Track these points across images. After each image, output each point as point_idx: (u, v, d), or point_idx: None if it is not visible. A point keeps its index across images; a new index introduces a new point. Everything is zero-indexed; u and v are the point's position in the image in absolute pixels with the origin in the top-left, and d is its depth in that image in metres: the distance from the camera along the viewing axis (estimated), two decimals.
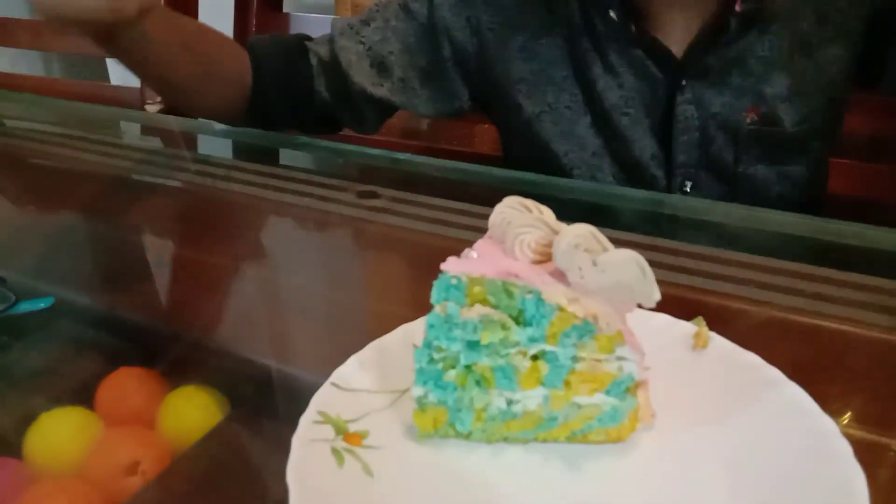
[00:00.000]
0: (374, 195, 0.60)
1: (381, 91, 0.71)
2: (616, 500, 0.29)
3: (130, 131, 0.85)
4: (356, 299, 0.47)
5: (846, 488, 0.27)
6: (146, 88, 0.98)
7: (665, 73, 0.64)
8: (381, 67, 0.71)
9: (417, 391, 0.31)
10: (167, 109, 0.93)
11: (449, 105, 0.73)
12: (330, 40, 0.72)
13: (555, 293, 0.29)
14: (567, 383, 0.30)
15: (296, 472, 0.28)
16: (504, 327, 0.29)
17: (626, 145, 0.67)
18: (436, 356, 0.30)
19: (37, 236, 0.58)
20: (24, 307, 0.45)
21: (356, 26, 0.72)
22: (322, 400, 0.33)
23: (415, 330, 0.35)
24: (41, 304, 0.44)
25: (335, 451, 0.30)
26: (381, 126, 0.76)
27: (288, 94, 0.71)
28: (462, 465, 0.31)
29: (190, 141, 0.79)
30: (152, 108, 0.95)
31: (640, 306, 0.29)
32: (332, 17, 0.98)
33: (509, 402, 0.31)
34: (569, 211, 0.34)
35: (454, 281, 0.29)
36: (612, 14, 0.63)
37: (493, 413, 0.31)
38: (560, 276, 0.29)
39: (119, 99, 1.02)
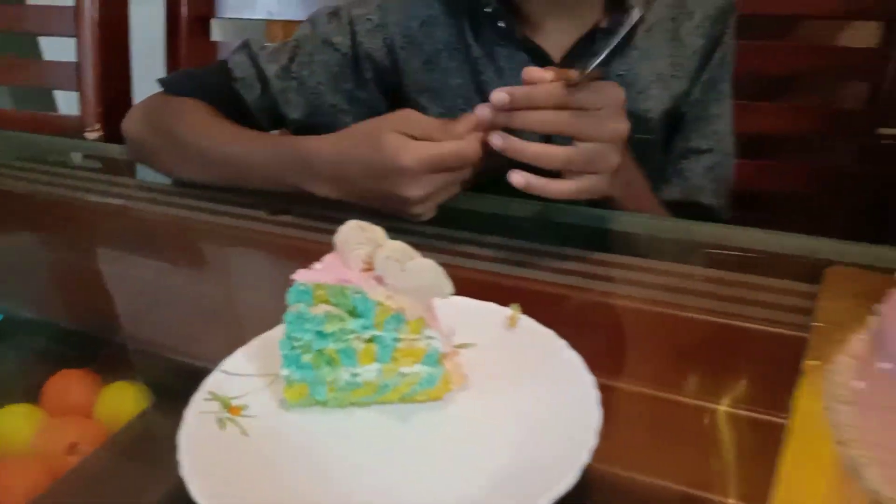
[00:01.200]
0: (287, 212, 0.69)
1: (314, 119, 0.80)
2: (433, 441, 0.40)
3: (69, 157, 0.93)
4: (256, 303, 0.57)
5: (585, 409, 0.37)
6: (86, 116, 1.05)
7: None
8: (314, 100, 0.79)
9: (284, 372, 0.41)
10: (105, 138, 1.00)
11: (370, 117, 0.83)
12: (262, 80, 0.80)
13: (376, 293, 0.38)
14: (394, 358, 0.40)
15: (185, 435, 0.38)
16: (342, 319, 0.39)
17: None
18: (295, 344, 0.40)
19: None
20: None
21: (286, 65, 0.80)
22: (212, 384, 0.42)
23: None
24: None
25: (219, 420, 0.40)
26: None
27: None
28: (319, 425, 0.41)
29: (123, 166, 0.87)
30: (91, 136, 1.02)
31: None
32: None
33: (353, 376, 0.41)
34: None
35: (303, 287, 0.39)
36: (499, 23, 0.73)
37: (342, 385, 0.41)
38: (380, 279, 0.39)
39: (62, 127, 1.08)
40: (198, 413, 0.39)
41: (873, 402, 0.35)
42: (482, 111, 0.58)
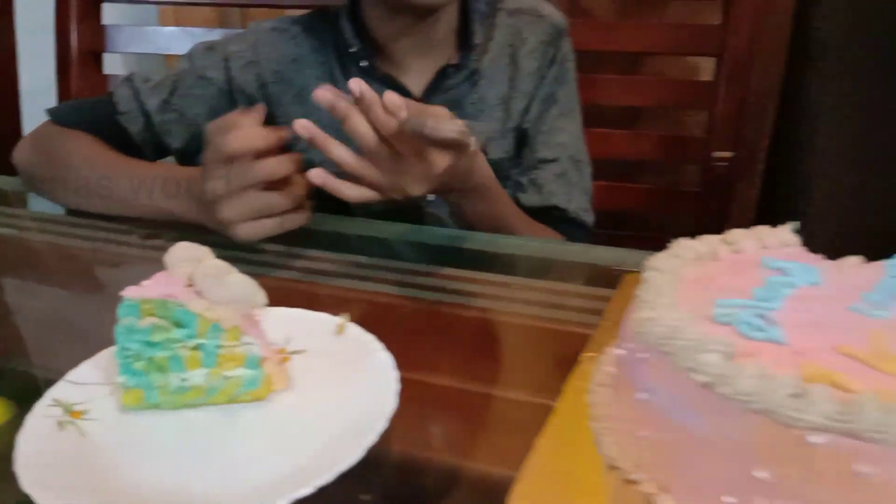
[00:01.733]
0: (156, 236, 0.73)
1: (195, 148, 0.85)
2: (252, 434, 0.45)
3: None
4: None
5: (384, 399, 0.42)
6: None
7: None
8: (194, 130, 0.85)
9: (121, 379, 0.45)
10: None
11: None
12: (144, 114, 0.84)
13: (196, 305, 0.43)
14: (218, 363, 0.45)
15: (24, 436, 0.42)
16: (167, 330, 0.44)
17: None
18: (127, 354, 0.45)
19: None
20: None
21: (166, 98, 0.85)
22: (57, 392, 0.46)
23: None
24: None
25: (59, 423, 0.44)
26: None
27: None
28: (153, 425, 0.45)
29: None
30: None
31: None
32: None
33: (182, 380, 0.45)
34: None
35: (130, 302, 0.43)
36: (362, 63, 0.80)
37: (173, 389, 0.45)
38: (200, 293, 0.44)
39: None
40: (40, 417, 0.43)
41: (618, 383, 0.42)
42: (302, 128, 0.63)
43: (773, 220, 1.07)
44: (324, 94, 0.62)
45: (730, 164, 0.97)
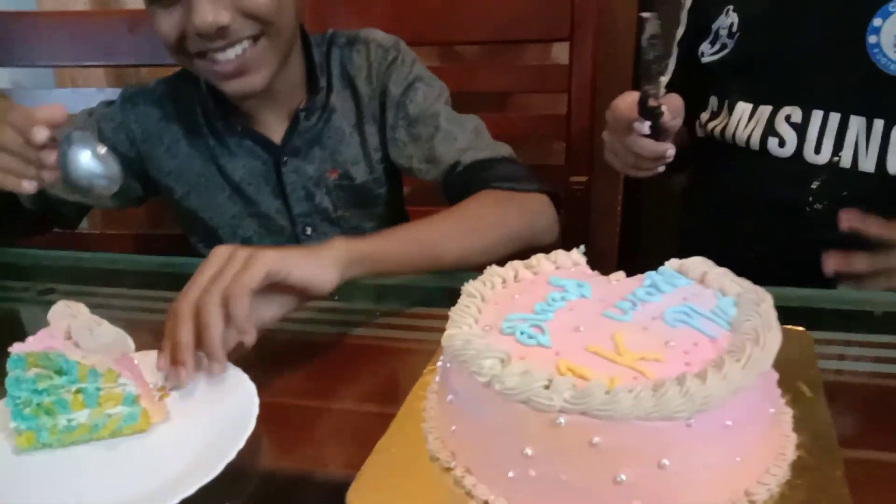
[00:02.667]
0: (52, 291, 0.78)
1: (76, 197, 0.88)
2: (135, 462, 0.50)
3: None
4: None
5: (245, 422, 0.49)
6: None
7: (271, 154, 0.87)
8: (67, 181, 0.87)
9: (12, 424, 0.50)
10: None
11: (130, 199, 0.92)
12: None
13: (74, 354, 0.49)
14: (99, 403, 0.51)
15: None
16: (51, 377, 0.49)
17: (256, 206, 0.89)
18: (17, 402, 0.50)
19: None
20: None
21: None
22: None
23: None
24: None
25: None
26: (82, 220, 0.93)
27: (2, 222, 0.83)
28: (44, 462, 0.51)
29: None
30: None
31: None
32: None
33: (69, 420, 0.51)
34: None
35: (16, 357, 0.49)
36: (218, 123, 0.86)
37: (61, 429, 0.51)
38: (77, 344, 0.50)
39: None
40: None
41: (438, 389, 0.50)
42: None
43: (636, 231, 1.16)
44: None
45: (586, 185, 1.08)
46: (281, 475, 0.49)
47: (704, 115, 0.89)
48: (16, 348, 0.49)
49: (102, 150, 0.64)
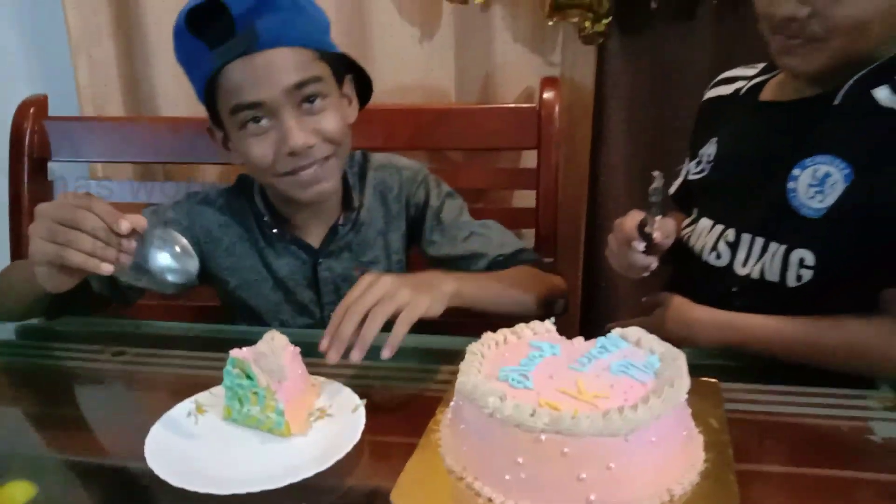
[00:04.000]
0: (123, 353, 0.93)
1: (141, 283, 0.98)
2: (270, 450, 0.68)
3: None
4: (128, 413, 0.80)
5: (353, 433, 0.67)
6: None
7: (310, 256, 1.03)
8: (138, 268, 1.01)
9: (225, 401, 0.71)
10: None
11: (189, 286, 1.04)
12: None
13: (255, 369, 0.67)
14: (265, 406, 0.68)
15: (159, 424, 0.69)
16: (243, 378, 0.68)
17: (294, 296, 1.05)
18: (227, 386, 0.70)
19: None
20: None
21: None
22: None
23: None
24: None
25: (188, 413, 0.73)
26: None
27: (73, 300, 0.92)
28: (231, 430, 0.71)
29: None
30: None
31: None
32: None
33: (248, 409, 0.69)
34: None
35: (232, 359, 0.68)
36: (274, 231, 1.02)
37: (243, 413, 0.70)
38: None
39: None
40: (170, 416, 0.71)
41: (452, 422, 0.67)
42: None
43: (593, 300, 1.33)
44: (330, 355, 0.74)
45: (552, 265, 1.27)
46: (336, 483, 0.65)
47: (687, 221, 1.02)
48: (233, 353, 0.68)
49: (181, 248, 0.76)
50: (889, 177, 0.77)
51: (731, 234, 0.90)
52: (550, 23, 1.25)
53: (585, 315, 1.41)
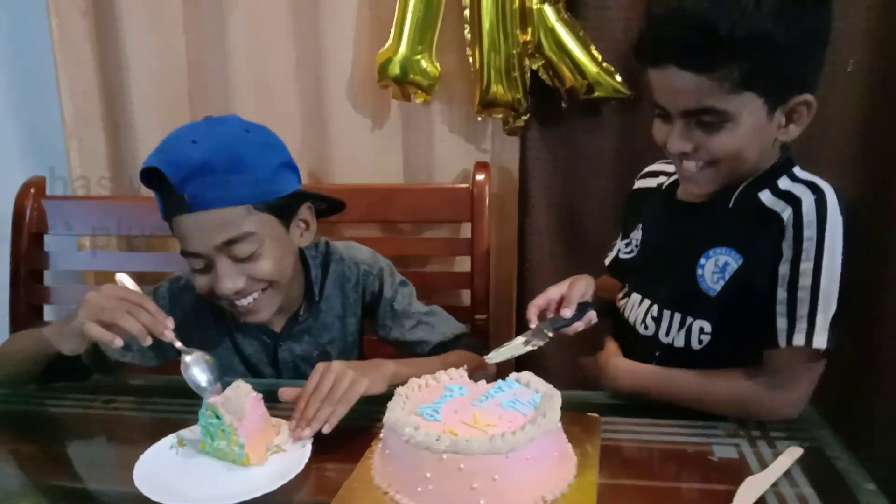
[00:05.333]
0: (113, 400, 1.08)
1: (127, 359, 1.11)
2: (233, 476, 0.82)
3: None
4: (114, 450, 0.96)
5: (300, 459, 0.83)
6: None
7: (271, 339, 1.13)
8: (127, 347, 1.03)
9: (201, 437, 0.85)
10: None
11: (166, 360, 1.14)
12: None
13: (222, 410, 0.82)
14: (229, 441, 0.82)
15: (145, 456, 0.77)
16: (212, 418, 0.83)
17: (258, 372, 1.16)
18: (202, 425, 0.84)
19: None
20: None
21: None
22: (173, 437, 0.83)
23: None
24: None
25: (171, 447, 0.81)
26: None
27: (62, 371, 1.05)
28: (204, 459, 0.85)
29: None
30: None
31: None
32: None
33: (217, 443, 0.84)
34: None
35: (206, 403, 0.83)
36: (240, 321, 1.10)
37: (213, 446, 0.84)
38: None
39: None
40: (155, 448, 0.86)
41: (381, 449, 0.84)
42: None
43: None
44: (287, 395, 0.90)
45: (486, 320, 1.45)
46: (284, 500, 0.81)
47: (621, 293, 1.13)
48: (210, 399, 0.84)
49: (210, 367, 0.91)
50: (766, 264, 0.90)
51: (654, 309, 1.02)
52: (480, 118, 1.46)
53: (519, 367, 1.58)
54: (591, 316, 0.99)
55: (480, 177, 1.45)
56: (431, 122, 1.50)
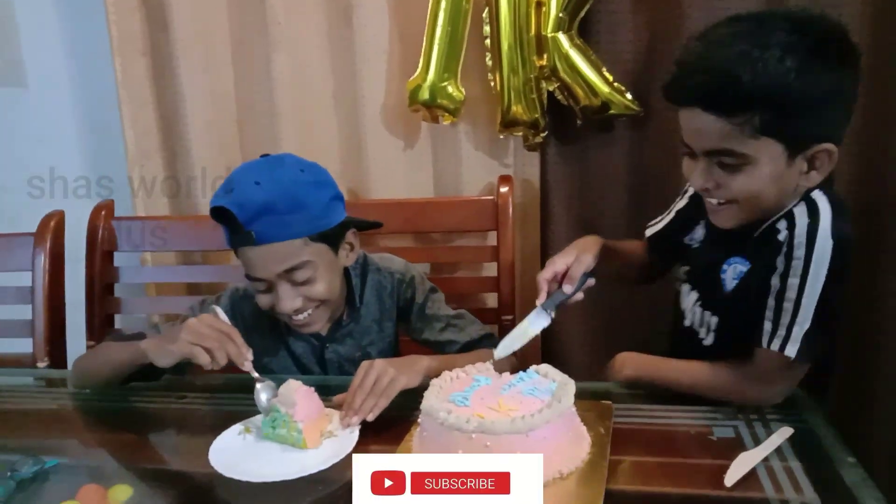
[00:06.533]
0: (185, 396, 1.22)
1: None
2: (292, 456, 0.96)
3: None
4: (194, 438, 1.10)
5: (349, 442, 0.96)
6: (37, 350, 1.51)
7: (319, 342, 1.24)
8: None
9: (263, 427, 1.00)
10: (52, 365, 1.48)
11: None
12: None
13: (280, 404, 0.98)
14: (288, 427, 0.96)
15: (219, 438, 0.92)
16: (277, 410, 0.97)
17: (308, 372, 1.28)
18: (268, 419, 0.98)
19: None
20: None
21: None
22: (242, 425, 0.96)
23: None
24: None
25: (240, 432, 0.93)
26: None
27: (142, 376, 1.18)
28: (264, 445, 0.99)
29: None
30: (42, 365, 1.47)
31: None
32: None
33: (279, 430, 0.98)
34: None
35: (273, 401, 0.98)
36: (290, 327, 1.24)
37: (276, 432, 0.98)
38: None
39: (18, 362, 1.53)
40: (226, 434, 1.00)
41: (420, 431, 0.96)
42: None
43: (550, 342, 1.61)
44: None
45: (512, 321, 1.56)
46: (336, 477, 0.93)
47: (679, 280, 1.18)
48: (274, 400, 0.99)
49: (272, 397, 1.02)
50: (764, 273, 0.99)
51: (698, 304, 1.11)
52: (501, 136, 1.58)
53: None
54: (590, 283, 1.07)
55: (504, 189, 1.56)
56: (458, 141, 1.62)
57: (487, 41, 1.51)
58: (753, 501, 0.83)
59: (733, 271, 1.05)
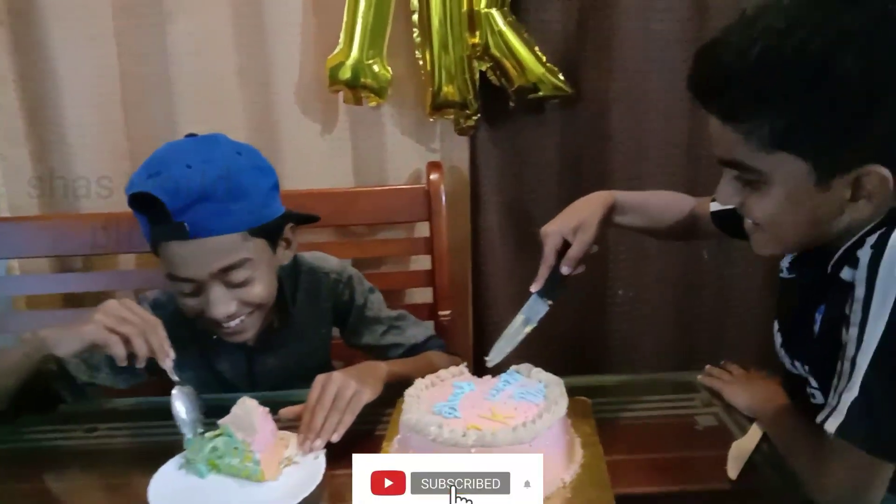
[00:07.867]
0: (95, 429, 1.02)
1: (98, 380, 1.05)
2: (248, 491, 0.81)
3: None
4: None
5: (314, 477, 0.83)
6: None
7: (246, 353, 1.11)
8: (97, 367, 1.04)
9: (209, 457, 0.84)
10: None
11: (139, 382, 1.09)
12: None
13: (234, 429, 0.81)
14: (242, 457, 0.81)
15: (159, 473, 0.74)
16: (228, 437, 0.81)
17: (234, 388, 1.12)
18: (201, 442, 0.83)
19: None
20: None
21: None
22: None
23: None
24: None
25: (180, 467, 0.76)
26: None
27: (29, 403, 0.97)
28: (210, 480, 0.84)
29: None
30: None
31: None
32: None
33: (230, 461, 0.82)
34: None
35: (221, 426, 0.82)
36: (215, 336, 1.07)
37: (227, 464, 0.83)
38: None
39: None
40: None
41: (400, 441, 0.85)
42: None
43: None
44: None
45: (450, 315, 1.48)
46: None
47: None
48: (220, 421, 0.83)
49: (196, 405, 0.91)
50: (832, 327, 0.76)
51: (783, 347, 0.90)
52: (431, 119, 1.48)
53: (478, 356, 1.63)
54: (592, 250, 0.93)
55: (434, 176, 1.47)
56: (381, 125, 1.51)
57: (415, 16, 1.40)
58: (760, 491, 0.81)
59: (819, 314, 0.81)
